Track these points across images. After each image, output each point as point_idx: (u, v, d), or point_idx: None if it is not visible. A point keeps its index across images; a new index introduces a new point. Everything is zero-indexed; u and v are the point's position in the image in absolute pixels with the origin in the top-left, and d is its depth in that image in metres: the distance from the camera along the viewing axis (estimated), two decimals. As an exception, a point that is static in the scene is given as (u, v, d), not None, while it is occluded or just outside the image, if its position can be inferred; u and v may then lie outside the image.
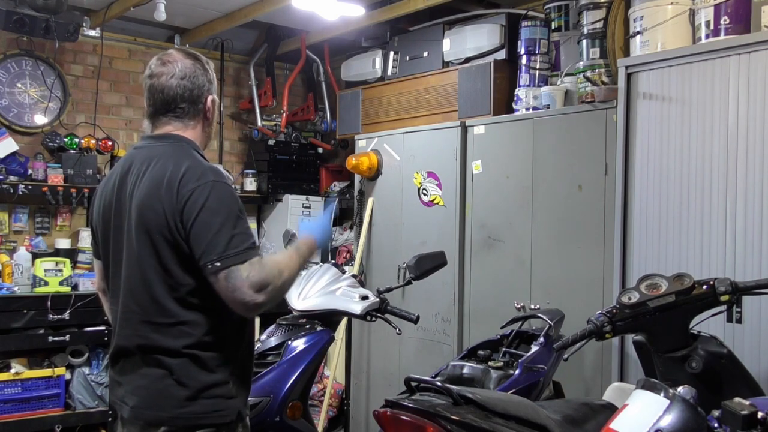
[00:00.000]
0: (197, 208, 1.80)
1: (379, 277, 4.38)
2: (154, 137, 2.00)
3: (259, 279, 1.76)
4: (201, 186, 1.82)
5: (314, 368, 2.81)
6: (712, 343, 2.19)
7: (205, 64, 2.04)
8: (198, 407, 1.86)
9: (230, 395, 1.90)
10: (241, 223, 1.83)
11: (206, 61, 2.06)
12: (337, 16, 4.33)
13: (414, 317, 2.94)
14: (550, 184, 3.48)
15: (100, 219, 2.03)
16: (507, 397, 2.19)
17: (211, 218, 1.79)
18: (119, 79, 5.19)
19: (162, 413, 1.86)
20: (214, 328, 1.88)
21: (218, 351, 1.89)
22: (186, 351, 1.86)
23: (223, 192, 1.84)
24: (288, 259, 1.92)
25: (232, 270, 1.76)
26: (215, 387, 1.87)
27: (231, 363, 1.91)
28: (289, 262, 1.90)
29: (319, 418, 4.39)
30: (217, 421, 1.87)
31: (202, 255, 1.79)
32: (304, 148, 5.58)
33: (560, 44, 3.81)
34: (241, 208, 1.86)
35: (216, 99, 2.05)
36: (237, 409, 1.91)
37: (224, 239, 1.78)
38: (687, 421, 1.50)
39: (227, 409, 1.89)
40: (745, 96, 2.70)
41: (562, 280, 3.40)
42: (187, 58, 2.01)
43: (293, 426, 2.70)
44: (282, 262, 1.88)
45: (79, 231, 4.84)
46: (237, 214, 1.83)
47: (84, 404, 4.35)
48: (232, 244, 1.78)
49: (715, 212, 2.78)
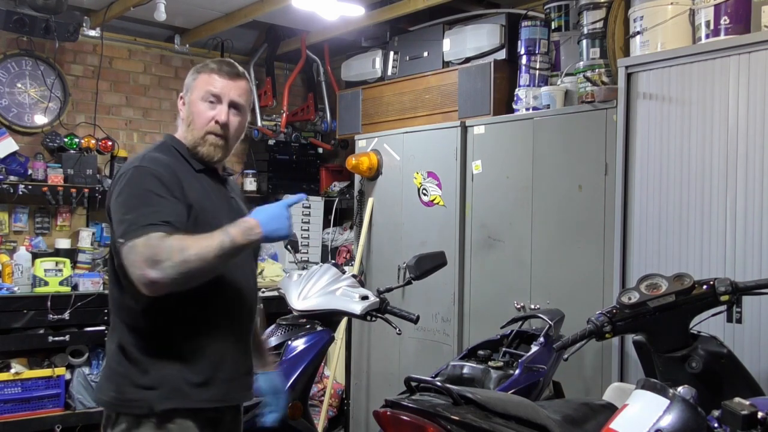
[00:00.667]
0: (116, 192, 1.88)
1: (379, 277, 4.38)
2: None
3: (152, 254, 1.69)
4: (123, 172, 1.91)
5: (314, 368, 2.81)
6: (712, 343, 2.18)
7: (192, 71, 2.08)
8: (120, 394, 1.89)
9: (147, 386, 1.86)
10: (153, 202, 1.81)
11: (196, 67, 2.09)
12: (337, 16, 4.33)
13: (414, 317, 2.94)
14: (550, 184, 3.48)
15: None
16: (507, 397, 2.19)
17: (123, 199, 1.84)
18: (119, 79, 5.19)
19: (100, 395, 1.98)
20: (141, 313, 1.88)
21: (143, 339, 1.89)
22: (119, 338, 1.92)
23: (140, 174, 1.86)
24: (201, 237, 1.75)
25: (130, 245, 1.73)
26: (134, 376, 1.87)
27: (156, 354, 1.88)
28: (201, 240, 1.74)
29: (319, 418, 4.39)
30: (132, 411, 1.87)
31: (113, 234, 1.86)
32: (304, 148, 5.58)
33: (560, 44, 3.81)
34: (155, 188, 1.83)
35: (184, 96, 2.07)
36: (150, 402, 1.85)
37: (129, 217, 1.78)
38: (687, 421, 1.50)
39: (141, 401, 1.86)
40: (745, 96, 2.70)
41: (562, 280, 3.40)
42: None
43: (293, 426, 2.70)
44: (189, 239, 1.74)
45: (79, 231, 4.84)
46: (151, 193, 1.82)
47: (84, 404, 4.34)
48: (135, 220, 1.76)
49: (715, 212, 2.78)
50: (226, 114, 2.00)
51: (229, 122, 2.01)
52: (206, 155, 2.01)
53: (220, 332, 1.96)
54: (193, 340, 1.92)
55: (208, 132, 2.00)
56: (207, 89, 2.00)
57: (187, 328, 1.91)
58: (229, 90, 2.01)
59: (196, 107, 2.01)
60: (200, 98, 2.00)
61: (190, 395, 1.89)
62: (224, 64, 2.05)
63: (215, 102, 2.00)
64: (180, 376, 1.88)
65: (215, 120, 1.99)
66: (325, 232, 5.39)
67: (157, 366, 1.88)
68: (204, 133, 2.00)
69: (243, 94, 2.04)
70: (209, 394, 1.92)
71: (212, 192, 2.02)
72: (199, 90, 2.01)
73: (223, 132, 2.01)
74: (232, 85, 2.02)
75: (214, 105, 2.00)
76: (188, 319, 1.91)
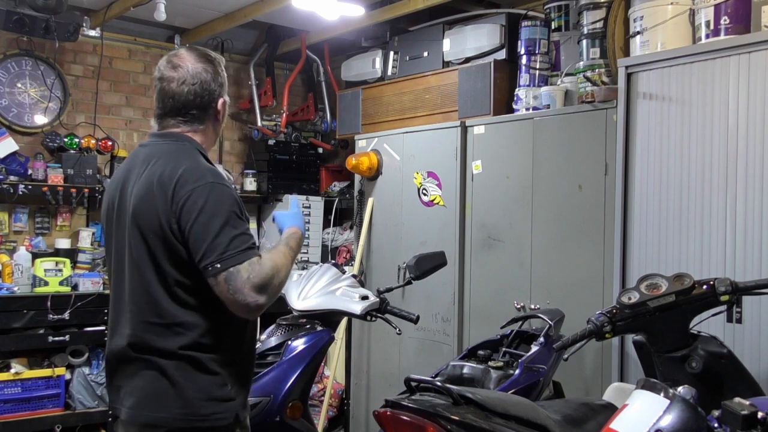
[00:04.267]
0: (196, 210, 1.79)
1: (379, 277, 4.38)
2: (159, 135, 1.99)
3: (259, 280, 1.76)
4: (199, 187, 1.81)
5: (314, 368, 2.81)
6: (712, 343, 2.19)
7: (217, 66, 2.00)
8: (194, 409, 1.84)
9: (228, 397, 1.88)
10: (240, 225, 1.82)
11: (218, 61, 2.01)
12: (337, 16, 4.33)
13: (414, 317, 2.94)
14: (550, 184, 3.48)
15: (104, 217, 2.04)
16: (507, 397, 2.19)
17: (209, 220, 1.78)
18: (119, 79, 5.19)
19: (158, 414, 1.85)
20: (212, 329, 1.87)
21: (216, 352, 1.87)
22: (182, 352, 1.85)
23: (221, 193, 1.82)
24: (282, 256, 1.89)
25: (232, 272, 1.75)
26: (212, 389, 1.86)
27: (230, 365, 1.90)
28: (284, 260, 1.88)
29: (319, 418, 4.39)
30: (214, 423, 1.85)
31: (202, 257, 1.78)
32: (304, 148, 5.58)
33: (560, 44, 3.81)
34: (241, 209, 1.85)
35: (227, 100, 2.03)
36: (235, 411, 1.89)
37: (224, 241, 1.77)
38: (687, 421, 1.50)
39: (225, 412, 1.87)
40: (745, 96, 2.70)
41: (562, 280, 3.40)
42: (199, 61, 1.96)
43: (293, 426, 2.70)
44: (278, 260, 1.85)
45: (79, 231, 4.83)
46: (236, 216, 1.82)
47: (84, 404, 4.34)
48: (232, 245, 1.77)
49: (715, 212, 2.78)
50: None
51: None
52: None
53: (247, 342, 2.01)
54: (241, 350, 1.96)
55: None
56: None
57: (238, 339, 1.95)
58: None
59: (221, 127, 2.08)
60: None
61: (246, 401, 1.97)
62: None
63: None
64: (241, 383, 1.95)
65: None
66: (325, 232, 5.39)
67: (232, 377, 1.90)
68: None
69: None
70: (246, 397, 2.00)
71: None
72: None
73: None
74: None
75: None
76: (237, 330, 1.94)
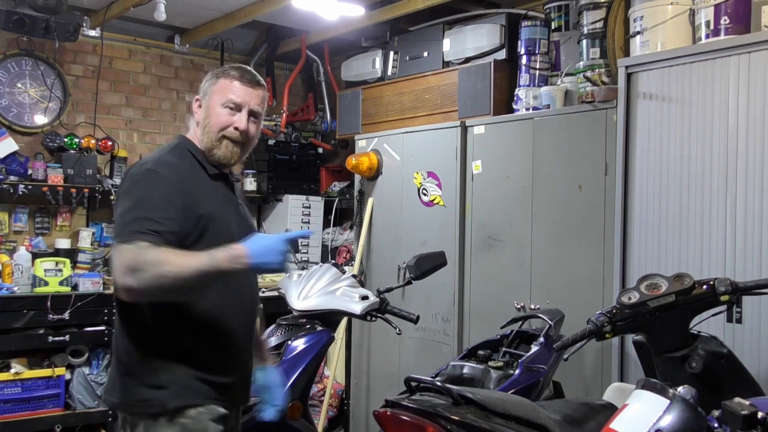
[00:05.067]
0: (120, 193, 1.95)
1: (379, 277, 4.38)
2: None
3: (131, 261, 1.72)
4: (132, 173, 1.94)
5: (314, 368, 2.81)
6: (712, 343, 2.18)
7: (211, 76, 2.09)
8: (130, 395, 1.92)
9: (157, 385, 1.90)
10: (150, 209, 1.82)
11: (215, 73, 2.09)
12: (337, 16, 4.33)
13: (414, 317, 2.94)
14: (550, 184, 3.48)
15: None
16: (507, 397, 2.19)
17: (124, 200, 1.88)
18: (119, 79, 5.19)
19: (112, 398, 1.98)
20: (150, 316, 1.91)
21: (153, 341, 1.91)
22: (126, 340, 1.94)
23: (145, 177, 1.89)
24: (184, 255, 1.76)
25: (117, 248, 1.78)
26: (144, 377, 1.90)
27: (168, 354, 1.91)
28: (183, 258, 1.74)
29: (319, 418, 4.39)
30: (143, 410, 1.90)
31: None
32: (304, 148, 5.58)
33: (560, 44, 3.81)
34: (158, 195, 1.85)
35: (201, 99, 2.10)
36: (162, 402, 1.89)
37: (124, 221, 1.82)
38: (687, 421, 1.50)
39: (153, 400, 1.89)
40: (745, 96, 2.70)
41: (562, 280, 3.40)
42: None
43: (293, 426, 2.70)
44: (171, 254, 1.74)
45: (79, 231, 4.83)
46: (146, 198, 1.84)
47: (84, 404, 4.34)
48: (128, 225, 1.80)
49: (715, 212, 2.78)
50: (245, 122, 2.04)
51: (248, 130, 2.06)
52: (222, 158, 2.05)
53: (223, 333, 1.98)
54: (197, 340, 1.94)
55: (225, 136, 2.04)
56: (228, 96, 2.04)
57: (191, 328, 1.94)
58: (250, 98, 2.05)
59: (215, 111, 2.04)
60: (220, 104, 2.04)
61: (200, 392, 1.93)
62: (246, 72, 2.09)
63: (235, 109, 2.04)
64: (188, 374, 1.91)
65: (235, 127, 2.03)
66: (325, 232, 5.39)
67: (165, 366, 1.91)
68: (220, 136, 2.04)
69: (261, 103, 2.10)
70: (216, 392, 1.95)
71: (223, 198, 2.06)
72: (218, 95, 2.04)
73: (243, 139, 2.06)
74: (253, 94, 2.06)
75: (234, 112, 2.04)
76: (192, 319, 1.93)
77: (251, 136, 2.08)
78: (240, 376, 2.05)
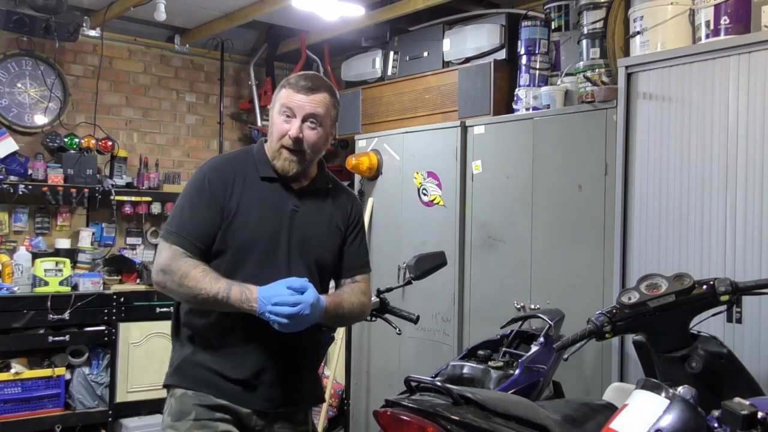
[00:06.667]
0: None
1: (379, 277, 4.37)
2: None
3: (165, 264, 1.99)
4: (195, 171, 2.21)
5: (314, 368, 2.80)
6: (712, 343, 2.18)
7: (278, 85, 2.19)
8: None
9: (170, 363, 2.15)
10: (183, 207, 2.07)
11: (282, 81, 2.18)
12: (337, 16, 4.33)
13: (414, 317, 2.94)
14: (550, 184, 3.48)
15: None
16: (507, 397, 2.19)
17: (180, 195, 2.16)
18: (119, 79, 5.19)
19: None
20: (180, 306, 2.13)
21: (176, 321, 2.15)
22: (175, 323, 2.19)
23: (194, 176, 2.14)
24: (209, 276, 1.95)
25: (161, 244, 2.06)
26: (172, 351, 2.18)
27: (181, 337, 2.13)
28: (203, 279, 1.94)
29: (319, 418, 4.39)
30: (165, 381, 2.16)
31: None
32: (304, 148, 5.57)
33: (560, 44, 3.81)
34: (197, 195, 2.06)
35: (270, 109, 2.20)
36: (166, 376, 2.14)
37: (170, 215, 2.12)
38: (687, 421, 1.50)
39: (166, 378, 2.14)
40: (745, 96, 2.70)
41: (562, 280, 3.40)
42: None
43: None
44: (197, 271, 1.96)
45: (79, 231, 4.84)
46: (188, 198, 2.08)
47: (84, 404, 4.35)
48: (169, 222, 2.08)
49: (715, 212, 2.77)
50: (298, 129, 2.06)
51: (304, 136, 2.07)
52: (281, 169, 2.11)
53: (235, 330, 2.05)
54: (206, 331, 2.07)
55: (282, 146, 2.08)
56: (283, 103, 2.09)
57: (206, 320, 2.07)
58: (304, 104, 2.07)
59: (274, 121, 2.11)
60: (278, 112, 2.10)
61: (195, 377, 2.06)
62: (302, 78, 2.11)
63: (291, 116, 2.07)
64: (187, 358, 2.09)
65: (288, 134, 2.07)
66: (325, 232, 5.38)
67: (176, 347, 2.15)
68: (279, 146, 2.09)
69: (319, 106, 2.08)
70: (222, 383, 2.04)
71: (270, 201, 2.10)
72: (278, 104, 2.11)
73: (296, 146, 2.07)
74: (307, 99, 2.07)
75: (290, 119, 2.07)
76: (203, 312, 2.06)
77: (310, 142, 2.08)
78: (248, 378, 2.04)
